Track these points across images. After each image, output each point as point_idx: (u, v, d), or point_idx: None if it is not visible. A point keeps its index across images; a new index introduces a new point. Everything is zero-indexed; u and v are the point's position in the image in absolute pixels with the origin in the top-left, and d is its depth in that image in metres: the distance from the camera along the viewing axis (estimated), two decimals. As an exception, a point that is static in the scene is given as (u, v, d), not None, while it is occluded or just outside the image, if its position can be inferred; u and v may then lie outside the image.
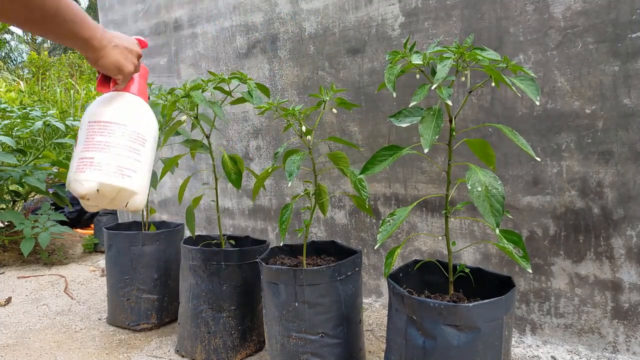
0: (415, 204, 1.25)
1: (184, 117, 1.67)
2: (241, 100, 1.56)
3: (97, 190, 0.91)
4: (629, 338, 1.52)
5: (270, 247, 1.66)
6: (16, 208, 3.73)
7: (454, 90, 1.78)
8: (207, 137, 1.69)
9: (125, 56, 0.93)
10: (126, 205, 0.96)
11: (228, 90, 1.66)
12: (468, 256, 1.83)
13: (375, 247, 1.11)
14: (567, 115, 1.57)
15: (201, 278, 1.69)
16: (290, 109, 1.40)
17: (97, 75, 1.00)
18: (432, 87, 1.03)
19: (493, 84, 1.11)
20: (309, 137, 1.43)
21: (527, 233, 1.68)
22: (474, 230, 1.80)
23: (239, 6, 2.42)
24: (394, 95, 1.12)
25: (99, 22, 3.43)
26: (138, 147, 0.96)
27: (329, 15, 2.10)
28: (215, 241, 1.87)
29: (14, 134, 3.13)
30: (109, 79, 0.98)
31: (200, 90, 1.58)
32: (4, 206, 3.53)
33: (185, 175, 2.82)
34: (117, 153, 0.93)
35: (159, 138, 1.75)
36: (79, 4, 25.38)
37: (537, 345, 1.67)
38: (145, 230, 2.19)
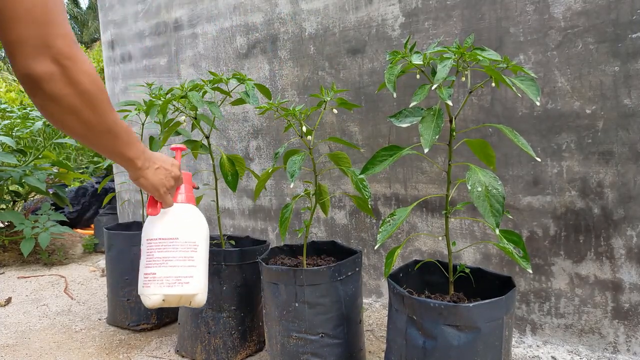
0: (415, 204, 1.25)
1: (183, 118, 1.67)
2: (240, 101, 1.56)
3: (163, 300, 1.08)
4: (630, 338, 1.52)
5: (270, 247, 1.66)
6: (16, 208, 3.73)
7: (454, 90, 1.78)
8: (207, 137, 1.69)
9: (162, 178, 1.03)
10: (190, 304, 1.12)
11: (227, 90, 1.66)
12: (468, 256, 1.83)
13: (375, 247, 1.11)
14: (567, 116, 1.57)
15: (201, 278, 1.68)
16: (291, 109, 1.40)
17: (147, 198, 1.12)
18: (433, 88, 1.03)
19: (493, 84, 1.11)
20: (309, 137, 1.43)
21: (527, 233, 1.68)
22: (474, 230, 1.80)
23: (239, 6, 2.42)
24: (394, 95, 1.12)
25: (99, 22, 3.42)
26: (191, 255, 1.11)
27: (329, 15, 2.10)
28: (215, 241, 1.87)
29: (14, 134, 3.14)
30: (156, 201, 1.10)
31: (200, 91, 1.58)
32: (4, 206, 3.53)
33: (185, 175, 2.82)
34: (173, 265, 1.09)
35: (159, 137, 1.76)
36: (79, 4, 25.34)
37: (538, 346, 1.67)
38: (145, 230, 2.19)
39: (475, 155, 1.23)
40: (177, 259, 1.09)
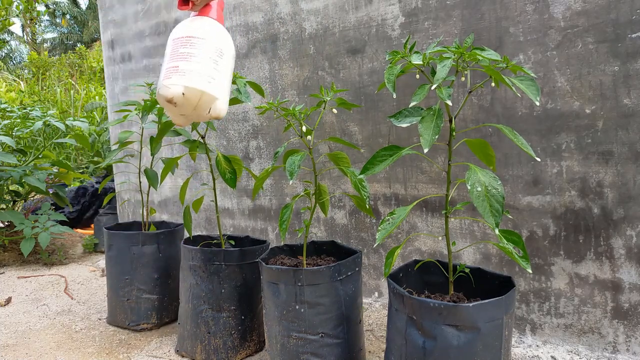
0: (415, 203, 1.25)
1: None
2: (235, 100, 1.56)
3: (183, 93, 1.00)
4: (629, 338, 1.52)
5: (270, 247, 1.67)
6: (16, 208, 3.74)
7: (454, 90, 1.79)
8: (203, 137, 1.69)
9: None
10: (209, 112, 1.04)
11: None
12: (468, 256, 1.83)
13: (375, 245, 1.11)
14: (567, 116, 1.57)
15: (201, 278, 1.69)
16: (291, 109, 1.40)
17: None
18: (432, 87, 1.03)
19: (493, 84, 1.11)
20: (309, 137, 1.43)
21: (527, 233, 1.68)
22: (474, 230, 1.80)
23: (239, 6, 2.42)
24: (394, 95, 1.12)
25: (99, 22, 3.42)
26: (216, 58, 1.06)
27: (329, 15, 2.10)
28: (215, 241, 1.87)
29: (14, 134, 3.14)
30: (188, 1, 1.08)
31: None
32: (4, 206, 3.53)
33: (185, 175, 2.82)
34: (198, 61, 1.03)
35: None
36: (79, 4, 25.38)
37: (537, 345, 1.67)
38: (145, 230, 2.19)
39: (475, 155, 1.23)
40: (202, 56, 1.04)
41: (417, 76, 1.20)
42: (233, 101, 1.59)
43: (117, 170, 3.28)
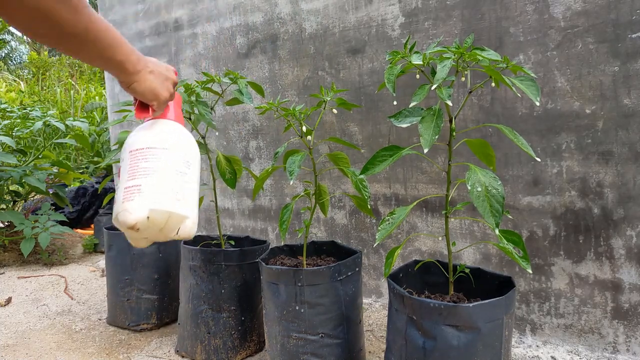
0: (415, 203, 1.25)
1: None
2: (235, 100, 1.56)
3: (148, 217, 0.85)
4: (629, 338, 1.52)
5: (270, 247, 1.66)
6: (16, 208, 3.73)
7: (454, 90, 1.78)
8: (203, 137, 1.69)
9: (161, 82, 0.90)
10: (177, 233, 0.90)
11: (223, 90, 1.66)
12: (468, 256, 1.83)
13: (375, 245, 1.11)
14: (567, 116, 1.57)
15: (201, 278, 1.69)
16: (291, 109, 1.40)
17: (134, 101, 0.97)
18: (432, 88, 1.03)
19: (493, 84, 1.11)
20: (309, 137, 1.43)
21: (527, 233, 1.68)
22: (474, 230, 1.80)
23: (239, 6, 2.42)
24: (394, 95, 1.12)
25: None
26: (184, 170, 0.92)
27: (329, 15, 2.10)
28: (215, 241, 1.87)
29: (14, 134, 3.14)
30: (147, 106, 0.94)
31: (192, 93, 1.58)
32: (4, 206, 3.53)
33: (185, 175, 2.82)
34: (163, 177, 0.88)
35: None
36: (79, 4, 25.39)
37: (537, 346, 1.67)
38: (145, 230, 2.19)
39: (475, 155, 1.23)
40: (168, 171, 0.89)
41: (417, 76, 1.20)
42: (234, 101, 1.59)
43: (116, 170, 3.28)
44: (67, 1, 0.67)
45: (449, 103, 1.03)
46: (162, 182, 0.87)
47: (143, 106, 0.94)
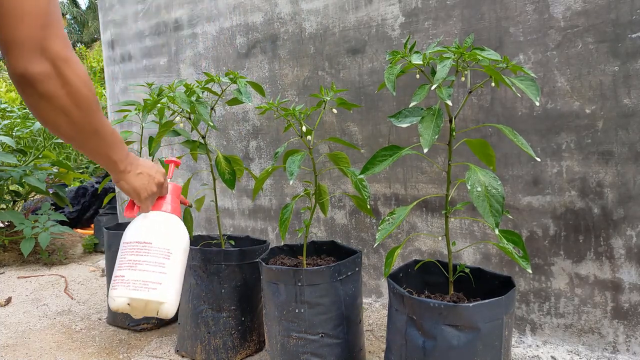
0: (415, 203, 1.25)
1: (177, 118, 1.67)
2: (235, 100, 1.56)
3: (128, 304, 1.03)
4: (629, 338, 1.52)
5: (270, 247, 1.67)
6: (16, 208, 3.74)
7: (454, 90, 1.78)
8: (203, 137, 1.69)
9: (144, 184, 1.03)
10: (157, 313, 1.06)
11: (222, 90, 1.66)
12: (468, 256, 1.83)
13: (375, 245, 1.11)
14: (567, 116, 1.57)
15: (201, 278, 1.69)
16: (291, 109, 1.40)
17: (126, 201, 1.14)
18: (432, 87, 1.03)
19: (493, 84, 1.11)
20: (309, 137, 1.43)
21: (527, 233, 1.68)
22: (474, 230, 1.80)
23: (239, 6, 2.42)
24: (394, 95, 1.12)
25: (99, 22, 3.43)
26: (163, 261, 1.07)
27: (329, 15, 2.10)
28: (215, 241, 1.87)
29: (14, 134, 3.14)
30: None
31: (193, 94, 1.58)
32: (4, 206, 3.53)
33: (185, 175, 2.82)
34: (143, 269, 1.05)
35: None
36: (79, 4, 25.34)
37: (537, 345, 1.67)
38: (145, 230, 2.19)
39: (475, 155, 1.23)
40: (147, 264, 1.06)
41: (417, 76, 1.20)
42: (234, 101, 1.59)
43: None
44: (87, 108, 0.80)
45: (449, 103, 1.04)
46: (142, 274, 1.04)
47: (132, 204, 1.12)
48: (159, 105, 1.64)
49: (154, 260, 1.07)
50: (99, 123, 0.85)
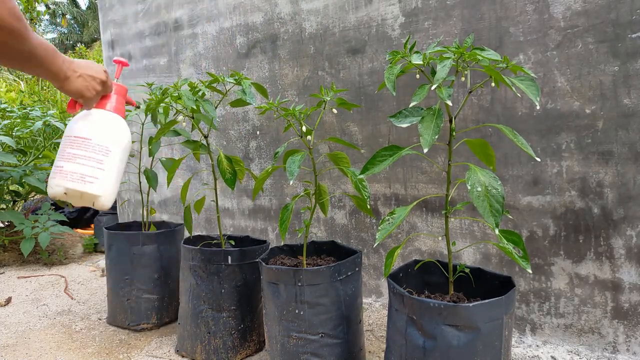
0: (415, 203, 1.25)
1: (180, 117, 1.67)
2: (239, 101, 1.56)
3: (65, 193, 1.13)
4: (629, 338, 1.52)
5: (270, 247, 1.66)
6: (16, 208, 3.73)
7: (454, 90, 1.78)
8: (206, 137, 1.69)
9: (86, 85, 1.11)
10: (93, 205, 1.16)
11: (227, 90, 1.66)
12: (468, 256, 1.83)
13: (375, 245, 1.11)
14: (567, 116, 1.57)
15: (201, 278, 1.69)
16: (291, 109, 1.40)
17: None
18: (432, 87, 1.03)
19: (493, 84, 1.11)
20: (309, 137, 1.43)
21: (527, 233, 1.68)
22: (474, 230, 1.80)
23: (239, 6, 2.42)
24: (394, 95, 1.12)
25: (99, 23, 3.42)
26: (101, 158, 1.16)
27: (329, 15, 2.10)
28: (215, 241, 1.87)
29: (14, 134, 3.14)
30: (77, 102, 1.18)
31: (197, 92, 1.58)
32: (4, 206, 3.53)
33: (185, 175, 2.82)
34: (81, 163, 1.14)
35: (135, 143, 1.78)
36: (78, 5, 25.33)
37: (537, 345, 1.67)
38: (145, 230, 2.19)
39: (475, 155, 1.23)
40: (85, 158, 1.14)
41: (417, 76, 1.20)
42: (237, 102, 1.59)
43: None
44: (18, 36, 0.88)
45: (449, 103, 1.04)
46: (77, 167, 1.13)
47: (74, 101, 1.18)
48: (162, 104, 1.64)
49: (92, 156, 1.15)
50: (30, 47, 0.91)
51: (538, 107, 1.40)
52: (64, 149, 1.15)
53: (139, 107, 1.47)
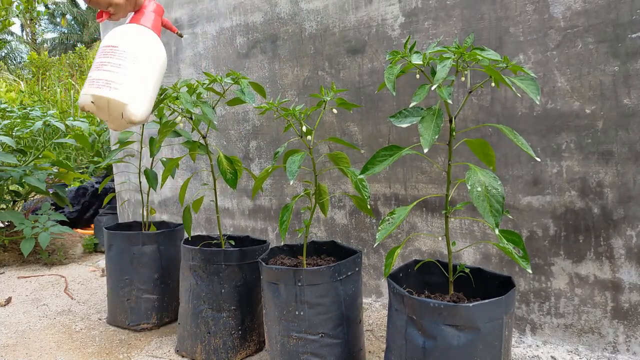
0: (415, 203, 1.25)
1: (178, 118, 1.67)
2: (236, 100, 1.56)
3: (92, 102, 1.09)
4: (629, 338, 1.52)
5: (270, 247, 1.67)
6: (16, 208, 3.74)
7: (454, 90, 1.79)
8: (204, 137, 1.69)
9: None
10: (123, 117, 1.11)
11: (224, 90, 1.66)
12: (468, 256, 1.83)
13: (375, 245, 1.11)
14: (567, 115, 1.57)
15: (201, 278, 1.69)
16: (291, 109, 1.40)
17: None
18: (432, 88, 1.03)
19: (493, 84, 1.11)
20: (309, 137, 1.43)
21: (527, 233, 1.68)
22: (474, 230, 1.80)
23: (239, 6, 2.42)
24: (394, 95, 1.12)
25: (98, 23, 3.43)
26: (128, 65, 1.12)
27: (329, 15, 2.10)
28: (215, 241, 1.87)
29: (14, 134, 3.14)
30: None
31: (194, 93, 1.58)
32: (4, 206, 3.53)
33: (185, 175, 2.82)
34: (107, 70, 1.11)
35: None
36: (78, 4, 25.37)
37: (537, 345, 1.67)
38: (145, 230, 2.19)
39: (475, 155, 1.23)
40: (111, 65, 1.11)
41: (417, 76, 1.20)
42: (235, 101, 1.59)
43: (117, 170, 3.28)
44: None
45: (450, 102, 1.04)
46: (105, 74, 1.10)
47: (102, 12, 1.18)
48: (160, 105, 1.64)
49: (118, 62, 1.12)
50: None
51: (538, 104, 1.40)
52: (97, 59, 1.13)
53: (181, 36, 1.48)
